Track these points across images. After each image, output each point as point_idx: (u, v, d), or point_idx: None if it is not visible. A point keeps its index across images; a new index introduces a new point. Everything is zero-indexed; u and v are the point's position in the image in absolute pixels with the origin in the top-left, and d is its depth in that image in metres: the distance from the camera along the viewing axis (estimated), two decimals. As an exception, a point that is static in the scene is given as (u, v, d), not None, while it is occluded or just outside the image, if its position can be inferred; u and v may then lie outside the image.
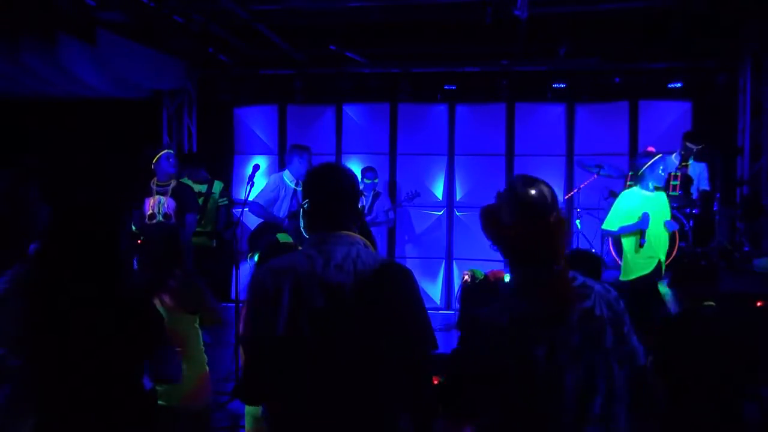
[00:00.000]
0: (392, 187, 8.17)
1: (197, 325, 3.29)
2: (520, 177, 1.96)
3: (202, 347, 3.33)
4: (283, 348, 1.87)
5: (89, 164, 6.80)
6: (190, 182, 6.48)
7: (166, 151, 5.59)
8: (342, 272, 1.87)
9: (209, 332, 5.09)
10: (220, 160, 8.46)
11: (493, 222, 1.90)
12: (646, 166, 5.16)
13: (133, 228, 5.40)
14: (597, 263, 3.25)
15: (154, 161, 5.49)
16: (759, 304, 2.96)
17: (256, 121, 8.50)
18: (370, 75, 7.99)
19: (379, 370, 1.86)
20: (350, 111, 8.30)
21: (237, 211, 7.89)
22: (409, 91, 7.91)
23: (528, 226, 1.83)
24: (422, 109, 8.16)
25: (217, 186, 6.97)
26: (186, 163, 6.96)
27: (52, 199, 5.53)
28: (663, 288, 3.42)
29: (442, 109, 8.14)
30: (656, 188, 5.25)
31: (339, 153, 8.29)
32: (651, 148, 5.41)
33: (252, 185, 5.63)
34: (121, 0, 5.82)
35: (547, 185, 1.93)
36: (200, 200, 6.42)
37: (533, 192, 1.88)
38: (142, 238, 5.16)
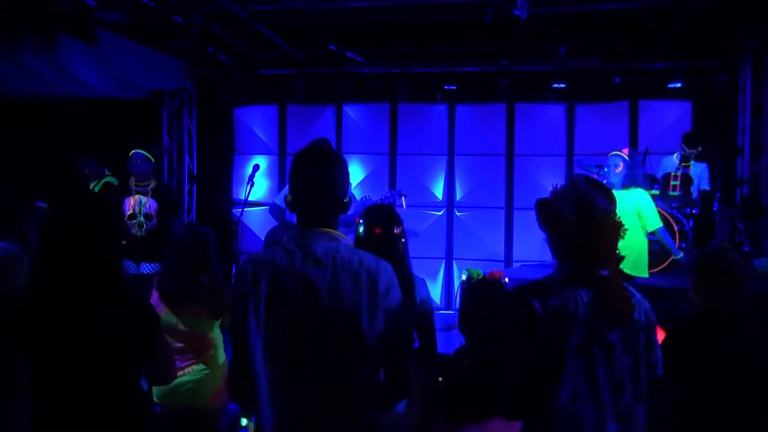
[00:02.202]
0: (392, 187, 8.17)
1: (218, 326, 3.31)
2: (581, 176, 2.06)
3: (223, 346, 3.36)
4: (263, 341, 1.88)
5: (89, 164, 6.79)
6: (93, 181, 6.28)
7: (134, 152, 5.51)
8: (321, 267, 1.89)
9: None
10: (220, 160, 8.47)
11: (553, 216, 1.97)
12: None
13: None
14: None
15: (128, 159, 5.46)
16: None
17: (256, 121, 8.50)
18: (370, 75, 7.99)
19: (357, 363, 1.88)
20: (350, 111, 8.30)
21: (237, 210, 7.91)
22: (409, 91, 7.91)
23: (590, 224, 1.91)
24: (422, 109, 8.16)
25: (102, 182, 6.53)
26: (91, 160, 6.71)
27: (49, 199, 5.55)
28: None
29: (442, 109, 8.14)
30: (628, 186, 5.16)
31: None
32: (625, 150, 5.45)
33: (252, 185, 5.63)
34: (121, 0, 5.82)
35: (607, 188, 2.03)
36: None
37: (596, 192, 1.97)
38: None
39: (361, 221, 2.75)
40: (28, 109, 7.36)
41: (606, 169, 5.20)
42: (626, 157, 5.23)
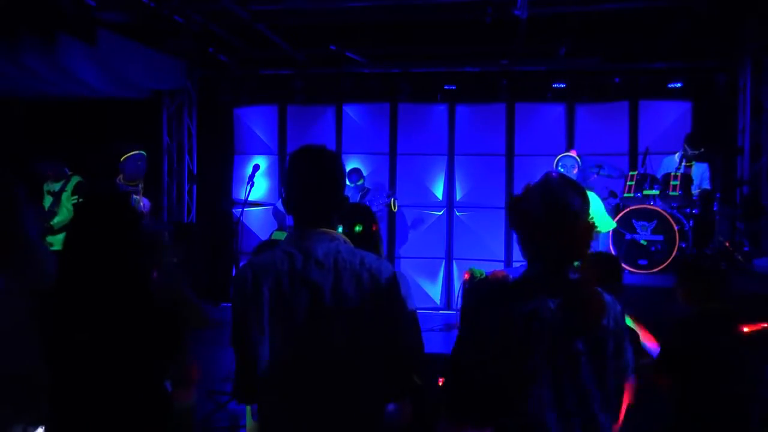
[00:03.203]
0: (392, 187, 8.18)
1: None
2: (555, 174, 1.95)
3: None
4: (267, 346, 1.87)
5: (89, 164, 6.79)
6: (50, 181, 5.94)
7: (136, 152, 5.46)
8: (322, 269, 1.87)
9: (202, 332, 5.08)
10: (220, 160, 8.47)
11: (522, 213, 1.88)
12: (555, 165, 5.35)
13: None
14: (617, 265, 3.20)
15: (122, 159, 5.41)
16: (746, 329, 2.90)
17: (256, 121, 8.50)
18: (370, 75, 7.99)
19: (361, 365, 1.87)
20: (350, 111, 8.30)
21: (237, 210, 7.91)
22: (409, 91, 7.92)
23: (561, 223, 1.82)
24: (422, 109, 8.17)
25: (72, 182, 6.14)
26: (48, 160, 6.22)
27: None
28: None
29: (442, 109, 8.14)
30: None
31: (339, 153, 8.26)
32: (573, 151, 5.47)
33: (252, 185, 5.64)
34: (121, 0, 5.82)
35: (581, 186, 1.94)
36: (50, 199, 6.07)
37: (569, 191, 1.88)
38: None
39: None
40: (28, 109, 7.36)
41: (561, 170, 5.26)
42: (578, 159, 5.32)
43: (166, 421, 2.12)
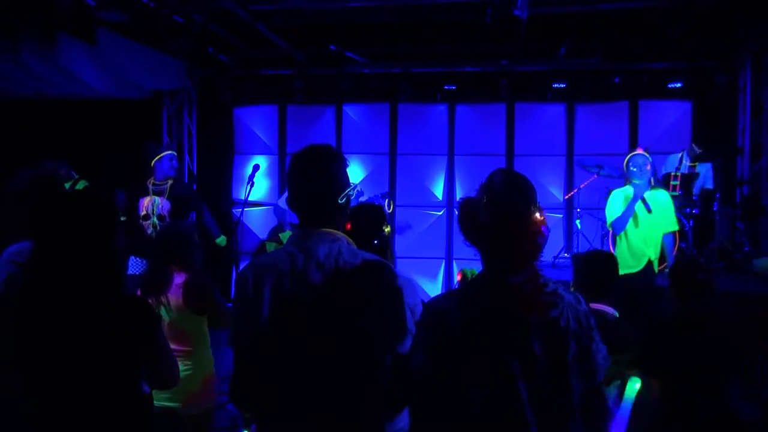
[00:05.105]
0: (392, 187, 8.18)
1: (205, 326, 3.26)
2: (499, 171, 1.87)
3: (209, 348, 3.31)
4: (266, 346, 1.87)
5: (89, 164, 6.79)
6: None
7: (169, 152, 5.49)
8: (323, 270, 1.87)
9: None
10: (220, 160, 8.47)
11: (467, 216, 1.83)
12: (625, 166, 5.12)
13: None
14: (613, 264, 3.20)
15: (155, 159, 5.42)
16: None
17: (256, 121, 8.50)
18: (370, 75, 7.99)
19: (359, 366, 1.86)
20: (350, 111, 8.30)
21: (237, 210, 7.91)
22: (409, 91, 7.92)
23: (499, 223, 1.75)
24: (422, 109, 8.17)
25: (79, 186, 6.15)
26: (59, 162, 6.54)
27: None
28: None
29: (442, 109, 8.14)
30: (655, 186, 5.13)
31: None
32: (640, 149, 5.35)
33: (252, 185, 5.63)
34: (121, 0, 5.82)
35: (527, 182, 1.84)
36: None
37: (508, 188, 1.80)
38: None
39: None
40: (28, 109, 7.35)
41: (634, 169, 5.04)
42: (648, 156, 5.15)
43: (139, 423, 2.10)
